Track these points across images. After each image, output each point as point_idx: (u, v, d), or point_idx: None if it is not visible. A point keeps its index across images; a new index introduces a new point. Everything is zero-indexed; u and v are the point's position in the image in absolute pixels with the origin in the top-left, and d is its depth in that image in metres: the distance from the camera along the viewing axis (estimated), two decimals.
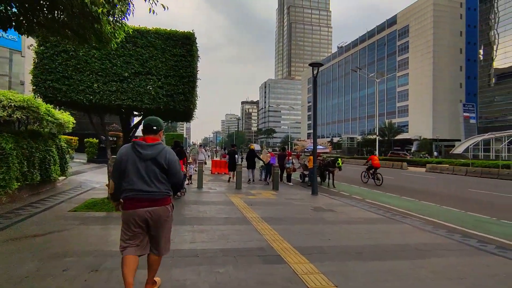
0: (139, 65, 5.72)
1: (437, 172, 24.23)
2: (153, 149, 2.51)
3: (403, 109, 75.88)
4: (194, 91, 6.11)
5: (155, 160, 2.50)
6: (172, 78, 5.79)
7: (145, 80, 5.71)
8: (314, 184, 10.43)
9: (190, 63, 5.89)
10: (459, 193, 13.01)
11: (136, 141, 2.54)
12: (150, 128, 2.58)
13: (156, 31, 5.92)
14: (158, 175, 2.52)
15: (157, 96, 5.70)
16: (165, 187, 2.58)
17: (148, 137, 2.56)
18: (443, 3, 68.79)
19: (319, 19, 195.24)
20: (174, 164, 2.59)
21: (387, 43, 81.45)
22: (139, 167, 2.47)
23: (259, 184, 13.23)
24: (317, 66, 10.49)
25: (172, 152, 2.67)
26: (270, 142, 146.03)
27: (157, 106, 5.72)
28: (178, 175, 2.63)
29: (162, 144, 2.60)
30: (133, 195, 2.46)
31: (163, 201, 2.56)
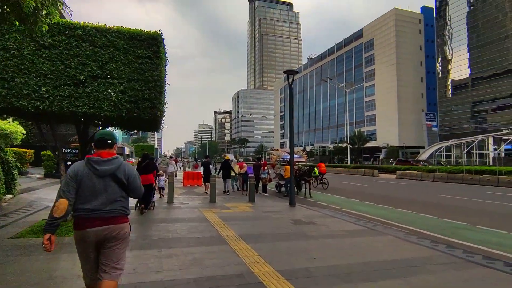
0: (97, 67, 5.02)
1: (407, 178, 24.99)
2: (111, 164, 2.37)
3: (370, 118, 79.05)
4: (161, 97, 5.49)
5: (114, 175, 2.36)
6: (136, 82, 5.14)
7: (105, 84, 5.01)
8: (291, 195, 10.04)
9: (156, 66, 5.28)
10: (431, 199, 13.23)
11: (90, 157, 2.36)
12: (104, 142, 2.43)
13: (118, 29, 5.25)
14: (116, 192, 2.38)
15: (118, 103, 5.00)
16: (123, 205, 2.43)
17: (103, 151, 2.40)
18: (404, 19, 73.36)
19: (289, 32, 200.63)
20: (134, 179, 2.47)
21: (354, 55, 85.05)
22: (95, 184, 2.30)
23: (234, 196, 12.64)
24: (292, 74, 10.26)
25: (131, 166, 2.52)
26: (243, 152, 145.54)
27: (119, 113, 5.03)
28: (138, 190, 2.52)
29: (119, 158, 2.46)
30: (86, 214, 2.28)
31: (120, 219, 2.39)
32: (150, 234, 5.83)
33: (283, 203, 10.78)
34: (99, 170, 2.31)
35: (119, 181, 2.38)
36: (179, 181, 18.47)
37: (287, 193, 14.02)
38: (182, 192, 13.64)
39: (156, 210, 8.62)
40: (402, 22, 72.83)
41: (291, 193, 10.06)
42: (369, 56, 79.46)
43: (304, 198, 13.36)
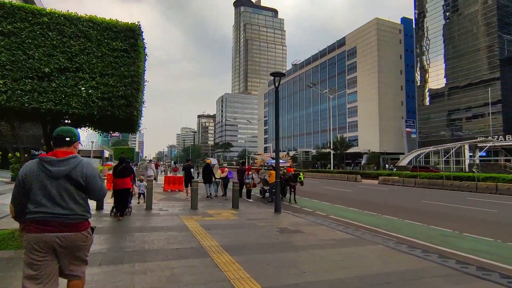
0: (66, 60, 4.47)
1: (389, 184, 25.29)
2: (66, 164, 2.16)
3: (353, 124, 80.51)
4: (138, 94, 4.99)
5: (69, 176, 2.16)
6: (110, 77, 4.63)
7: (74, 78, 4.47)
8: (277, 201, 9.68)
9: (134, 60, 4.79)
10: (414, 205, 13.26)
11: (43, 157, 2.16)
12: (62, 139, 2.25)
13: (90, 19, 4.70)
14: (73, 195, 2.18)
15: (89, 99, 4.47)
16: (82, 208, 2.23)
17: (60, 150, 2.22)
18: (385, 28, 75.61)
19: (274, 38, 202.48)
20: (94, 179, 2.26)
21: (337, 62, 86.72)
22: (48, 186, 2.12)
23: (217, 202, 12.15)
24: (279, 76, 9.97)
25: (91, 166, 2.29)
26: (227, 156, 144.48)
27: (90, 111, 4.49)
28: (98, 192, 2.30)
29: (77, 157, 2.24)
30: (40, 217, 2.10)
31: (79, 226, 2.20)
32: (123, 246, 5.28)
33: (268, 210, 10.41)
34: (51, 171, 2.12)
35: (75, 183, 2.18)
36: (159, 186, 17.76)
37: (271, 199, 13.69)
38: (162, 197, 12.99)
39: (132, 218, 8.02)
40: (383, 32, 75.05)
41: (276, 199, 9.70)
42: (351, 63, 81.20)
43: (289, 204, 13.05)
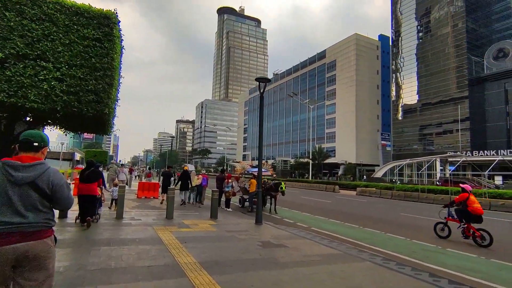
0: (25, 45, 3.82)
1: (367, 195, 25.56)
2: (32, 170, 2.05)
3: (331, 135, 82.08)
4: (111, 90, 4.40)
5: (34, 184, 2.04)
6: (78, 68, 4.04)
7: (34, 67, 3.84)
8: (258, 212, 9.22)
9: (107, 51, 4.22)
10: (394, 218, 13.27)
11: (6, 161, 2.03)
12: (29, 144, 2.12)
13: (58, 1, 4.10)
14: (37, 203, 2.05)
15: (52, 92, 3.85)
16: (45, 216, 2.09)
17: (26, 155, 2.10)
18: (364, 44, 78.39)
19: (256, 47, 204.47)
20: (61, 188, 2.14)
21: (317, 74, 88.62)
22: (9, 193, 1.98)
23: (193, 211, 11.50)
24: (264, 82, 9.64)
25: (58, 174, 2.17)
26: (204, 163, 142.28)
27: (52, 106, 3.86)
28: (65, 201, 2.19)
29: (44, 163, 2.12)
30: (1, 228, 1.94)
31: (40, 233, 2.06)
32: (86, 263, 4.61)
33: (249, 221, 9.93)
34: (14, 177, 1.99)
35: (40, 191, 2.05)
36: (132, 192, 16.78)
37: (251, 209, 13.25)
38: (135, 205, 12.14)
39: (100, 227, 7.25)
40: (362, 47, 77.75)
41: (258, 210, 9.24)
42: (331, 76, 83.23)
43: (269, 214, 12.63)
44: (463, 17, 60.58)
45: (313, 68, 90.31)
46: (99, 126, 5.10)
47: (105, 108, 4.21)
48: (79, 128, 5.34)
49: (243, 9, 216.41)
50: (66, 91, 3.98)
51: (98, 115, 4.19)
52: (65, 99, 3.97)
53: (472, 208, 8.16)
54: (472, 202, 8.26)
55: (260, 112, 9.80)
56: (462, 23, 60.76)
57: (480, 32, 62.01)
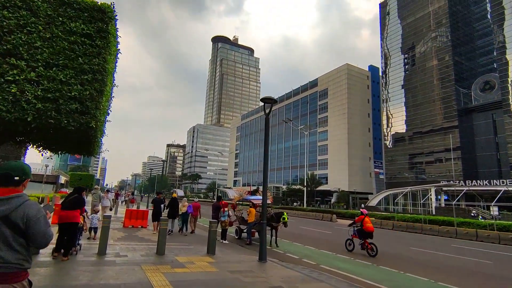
0: None
1: None
2: (6, 203, 1.89)
3: (323, 162, 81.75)
4: (101, 99, 3.51)
5: (7, 219, 1.88)
6: (61, 70, 3.18)
7: (1, 65, 2.98)
8: (262, 248, 8.11)
9: (99, 50, 3.39)
10: (405, 253, 12.26)
11: None
12: (9, 178, 1.95)
13: None
14: (9, 239, 1.87)
15: (22, 98, 2.97)
16: (18, 256, 1.89)
17: (2, 189, 1.93)
18: (354, 74, 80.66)
19: (249, 74, 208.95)
20: (36, 222, 1.94)
21: (309, 102, 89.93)
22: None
23: (186, 243, 10.27)
24: (270, 103, 8.93)
25: (35, 206, 1.98)
26: (194, 188, 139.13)
27: (20, 116, 2.97)
28: (40, 238, 1.96)
29: (21, 196, 1.95)
30: None
31: (11, 276, 1.86)
32: None
33: (251, 257, 8.77)
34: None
35: (14, 226, 1.89)
36: (119, 220, 15.38)
37: (249, 241, 12.08)
38: (121, 236, 10.81)
39: (78, 268, 6.03)
40: (353, 77, 79.89)
41: (262, 245, 8.13)
42: (323, 103, 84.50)
43: (269, 247, 11.43)
44: (449, 51, 63.24)
45: (305, 95, 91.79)
46: (83, 145, 4.14)
47: (91, 121, 3.31)
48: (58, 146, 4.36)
49: (237, 38, 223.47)
50: (41, 97, 3.09)
51: (82, 129, 3.28)
52: (39, 107, 3.06)
53: (366, 227, 10.71)
54: (366, 222, 10.80)
55: (265, 134, 8.99)
56: (448, 56, 63.32)
57: (465, 65, 64.64)
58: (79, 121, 3.23)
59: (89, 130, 3.37)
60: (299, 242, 13.34)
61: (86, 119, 3.28)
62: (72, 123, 3.21)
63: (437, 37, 66.71)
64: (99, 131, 3.82)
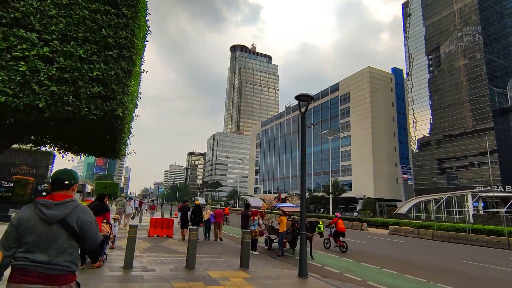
0: None
1: (401, 234, 22.72)
2: (62, 208, 2.00)
3: (346, 168, 79.18)
4: (129, 81, 2.89)
5: (64, 222, 1.98)
6: (80, 44, 2.57)
7: (7, 37, 2.38)
8: (303, 262, 7.20)
9: (127, 21, 2.78)
10: (457, 267, 10.89)
11: (39, 200, 2.01)
12: (60, 183, 2.09)
13: None
14: (64, 242, 1.98)
15: (33, 79, 2.36)
16: (69, 259, 1.98)
17: (57, 193, 2.07)
18: (377, 77, 78.19)
19: (267, 81, 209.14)
20: (90, 226, 2.07)
21: (330, 107, 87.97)
22: (39, 231, 1.94)
23: (215, 254, 9.51)
24: (306, 100, 8.11)
25: (88, 211, 2.12)
26: (215, 196, 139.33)
27: (31, 102, 2.35)
28: (93, 240, 2.11)
29: (75, 201, 2.08)
30: (22, 265, 1.90)
31: (63, 278, 1.94)
32: None
33: (288, 271, 7.88)
34: (47, 215, 1.95)
35: (70, 229, 2.00)
36: (143, 229, 14.93)
37: (281, 252, 11.16)
38: (147, 246, 10.24)
39: (101, 285, 5.40)
40: (375, 80, 77.45)
41: (302, 259, 7.22)
42: (344, 108, 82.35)
43: None
44: (480, 49, 59.92)
45: (326, 100, 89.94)
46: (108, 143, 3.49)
47: (117, 108, 2.67)
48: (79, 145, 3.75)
49: (255, 46, 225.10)
50: (57, 78, 2.48)
51: (106, 119, 2.63)
52: (54, 90, 2.44)
53: (338, 228, 12.89)
54: (338, 224, 12.92)
55: (302, 134, 8.16)
56: (479, 54, 59.97)
57: (499, 63, 60.93)
58: (103, 109, 2.59)
59: (114, 120, 2.72)
60: (333, 254, 12.27)
61: (111, 105, 2.63)
62: (94, 112, 2.57)
63: (465, 35, 63.58)
64: (127, 124, 3.18)
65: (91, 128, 2.90)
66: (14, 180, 17.37)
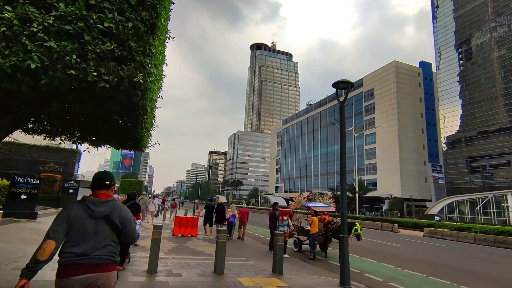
0: None
1: (439, 237, 21.06)
2: (106, 205, 2.22)
3: (370, 166, 76.38)
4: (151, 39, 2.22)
5: (109, 218, 2.20)
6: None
7: None
8: (345, 270, 6.34)
9: None
10: None
11: (87, 197, 2.23)
12: (102, 183, 2.30)
13: None
14: (108, 236, 2.18)
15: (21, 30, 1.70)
16: (112, 250, 2.19)
17: (100, 192, 2.28)
18: (404, 71, 74.73)
19: (288, 79, 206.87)
20: (129, 222, 2.29)
21: (354, 103, 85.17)
22: (86, 226, 2.12)
23: (242, 256, 8.83)
24: (346, 88, 7.22)
25: (127, 209, 2.36)
26: (236, 194, 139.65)
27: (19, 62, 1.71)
28: (132, 234, 2.32)
29: (115, 200, 2.32)
30: (70, 260, 2.04)
31: (107, 267, 2.14)
32: None
33: (326, 278, 7.06)
34: (94, 211, 2.16)
35: (113, 224, 2.21)
36: (167, 228, 14.58)
37: (313, 256, 10.31)
38: (171, 247, 9.74)
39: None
40: (402, 74, 74.06)
41: (344, 267, 6.36)
42: (369, 105, 79.47)
43: (338, 263, 9.58)
44: None
45: (350, 97, 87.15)
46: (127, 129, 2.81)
47: (136, 73, 1.99)
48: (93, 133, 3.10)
49: (275, 44, 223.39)
50: (55, 30, 1.82)
51: (122, 89, 1.97)
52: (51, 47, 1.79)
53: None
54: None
55: (341, 124, 7.29)
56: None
57: None
58: (118, 73, 1.93)
59: (133, 91, 2.06)
60: (370, 258, 11.26)
61: (129, 70, 1.97)
62: (106, 77, 1.90)
63: (500, 25, 59.23)
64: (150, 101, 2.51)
65: (105, 106, 2.26)
66: (42, 178, 17.63)
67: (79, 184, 17.03)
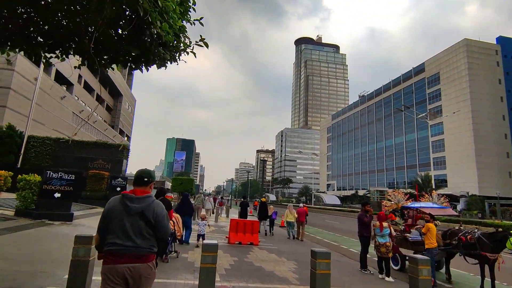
0: None
1: None
2: (142, 202, 2.39)
3: (439, 161, 67.34)
4: None
5: (143, 214, 2.36)
6: None
7: None
8: None
9: None
10: None
11: (125, 194, 2.42)
12: (141, 180, 2.50)
13: None
14: (143, 230, 2.34)
15: None
16: (149, 243, 2.37)
17: (138, 189, 2.48)
18: (477, 50, 64.55)
19: (335, 72, 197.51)
20: (162, 219, 2.43)
21: (414, 91, 76.40)
22: (124, 221, 2.33)
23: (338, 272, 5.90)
24: None
25: (161, 206, 2.51)
26: (285, 193, 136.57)
27: None
28: (164, 230, 2.45)
29: (151, 197, 2.48)
30: (114, 249, 2.27)
31: (145, 258, 2.34)
32: None
33: None
34: (129, 207, 2.33)
35: (146, 220, 2.36)
36: (222, 231, 12.24)
37: (434, 282, 6.90)
38: (229, 264, 7.16)
39: None
40: (475, 54, 64.00)
41: None
42: (433, 91, 70.36)
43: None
44: None
45: (409, 85, 78.53)
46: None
47: None
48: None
49: (320, 37, 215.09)
50: None
51: None
52: None
53: None
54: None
55: None
56: None
57: None
58: None
59: None
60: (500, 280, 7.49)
61: None
62: None
63: None
64: None
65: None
66: (89, 175, 16.64)
67: (126, 181, 15.66)
